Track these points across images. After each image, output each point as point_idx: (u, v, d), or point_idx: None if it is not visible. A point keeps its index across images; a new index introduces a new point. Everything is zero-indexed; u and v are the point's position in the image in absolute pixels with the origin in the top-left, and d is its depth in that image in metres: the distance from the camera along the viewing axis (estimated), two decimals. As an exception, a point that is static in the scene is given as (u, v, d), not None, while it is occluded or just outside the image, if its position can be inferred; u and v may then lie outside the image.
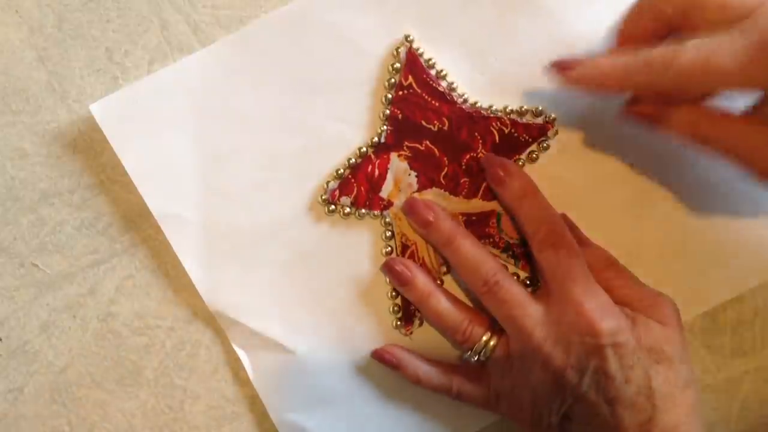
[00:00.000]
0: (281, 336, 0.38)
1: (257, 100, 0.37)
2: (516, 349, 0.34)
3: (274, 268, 0.38)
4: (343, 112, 0.37)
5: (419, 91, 0.37)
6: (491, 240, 0.37)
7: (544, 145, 0.37)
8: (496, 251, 0.37)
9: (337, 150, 0.37)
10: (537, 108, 0.37)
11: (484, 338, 0.35)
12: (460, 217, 0.37)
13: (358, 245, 0.38)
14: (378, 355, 0.37)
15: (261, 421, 0.39)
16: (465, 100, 0.37)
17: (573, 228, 0.36)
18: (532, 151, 0.37)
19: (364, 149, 0.37)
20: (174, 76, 0.37)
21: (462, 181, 0.37)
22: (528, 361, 0.34)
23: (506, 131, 0.37)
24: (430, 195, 0.37)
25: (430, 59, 0.37)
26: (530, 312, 0.34)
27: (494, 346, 0.35)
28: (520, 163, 0.37)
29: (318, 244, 0.38)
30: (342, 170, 0.37)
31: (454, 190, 0.37)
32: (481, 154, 0.37)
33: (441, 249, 0.36)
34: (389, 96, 0.37)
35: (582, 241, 0.36)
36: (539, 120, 0.37)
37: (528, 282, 0.37)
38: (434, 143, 0.37)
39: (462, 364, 0.38)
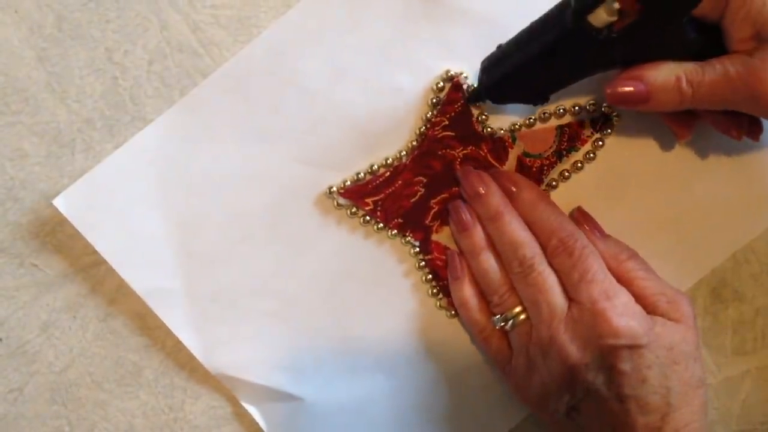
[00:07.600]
0: (286, 384, 0.38)
1: (217, 159, 0.37)
2: (536, 334, 0.35)
3: (265, 319, 0.38)
4: (305, 154, 0.37)
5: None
6: None
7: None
8: None
9: (307, 192, 0.38)
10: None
11: (516, 309, 0.35)
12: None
13: (348, 282, 0.38)
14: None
15: (261, 421, 0.39)
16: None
17: (590, 221, 0.37)
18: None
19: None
20: (131, 153, 0.37)
21: None
22: (545, 348, 0.34)
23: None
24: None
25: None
26: (554, 302, 0.34)
27: (522, 321, 0.35)
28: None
29: (305, 289, 0.38)
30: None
31: None
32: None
33: (486, 223, 0.36)
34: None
35: (601, 234, 0.36)
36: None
37: None
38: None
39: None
